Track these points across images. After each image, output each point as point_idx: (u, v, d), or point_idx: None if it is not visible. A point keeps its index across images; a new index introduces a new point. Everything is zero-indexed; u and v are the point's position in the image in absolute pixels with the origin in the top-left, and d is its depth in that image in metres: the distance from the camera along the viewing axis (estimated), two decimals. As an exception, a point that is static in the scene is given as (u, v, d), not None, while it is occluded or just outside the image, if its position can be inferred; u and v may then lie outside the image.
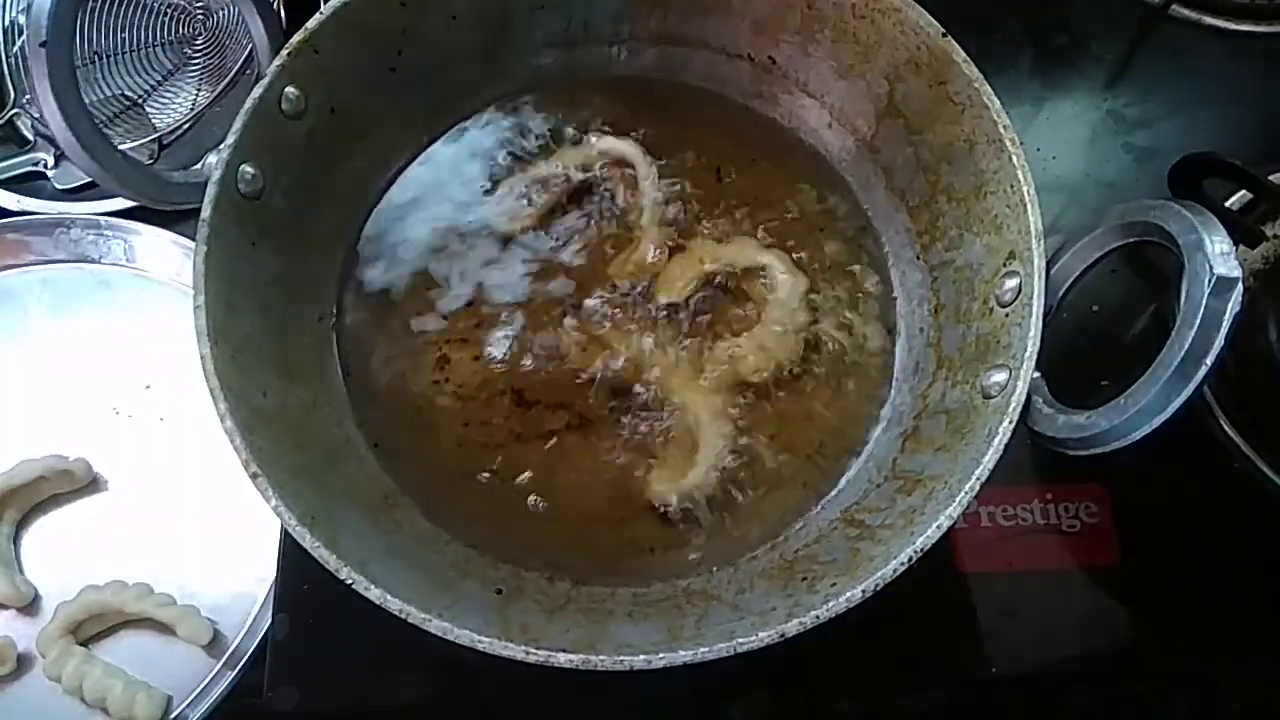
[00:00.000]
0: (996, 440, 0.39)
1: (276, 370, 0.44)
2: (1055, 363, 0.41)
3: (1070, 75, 0.64)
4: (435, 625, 0.35)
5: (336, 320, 0.49)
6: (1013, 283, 0.43)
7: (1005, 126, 0.44)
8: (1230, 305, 0.36)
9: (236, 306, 0.42)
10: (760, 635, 0.35)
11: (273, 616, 0.49)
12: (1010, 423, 0.39)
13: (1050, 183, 0.59)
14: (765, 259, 0.50)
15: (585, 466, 0.47)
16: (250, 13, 0.62)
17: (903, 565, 0.36)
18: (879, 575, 0.36)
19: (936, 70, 0.46)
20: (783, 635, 0.35)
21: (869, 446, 0.48)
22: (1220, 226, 0.38)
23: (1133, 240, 0.43)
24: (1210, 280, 0.36)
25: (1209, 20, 0.65)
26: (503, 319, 0.50)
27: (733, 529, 0.46)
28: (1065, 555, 0.51)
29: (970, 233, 0.46)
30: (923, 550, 0.37)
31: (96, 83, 0.63)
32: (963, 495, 0.38)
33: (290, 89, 0.45)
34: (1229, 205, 0.55)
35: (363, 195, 0.52)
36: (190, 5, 0.66)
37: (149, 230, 0.61)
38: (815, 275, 0.51)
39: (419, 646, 0.36)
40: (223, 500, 0.55)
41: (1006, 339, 0.42)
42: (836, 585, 0.38)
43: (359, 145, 0.50)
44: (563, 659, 0.35)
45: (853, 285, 0.51)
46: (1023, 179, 0.43)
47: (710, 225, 0.52)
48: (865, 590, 0.36)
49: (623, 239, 0.52)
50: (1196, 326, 0.36)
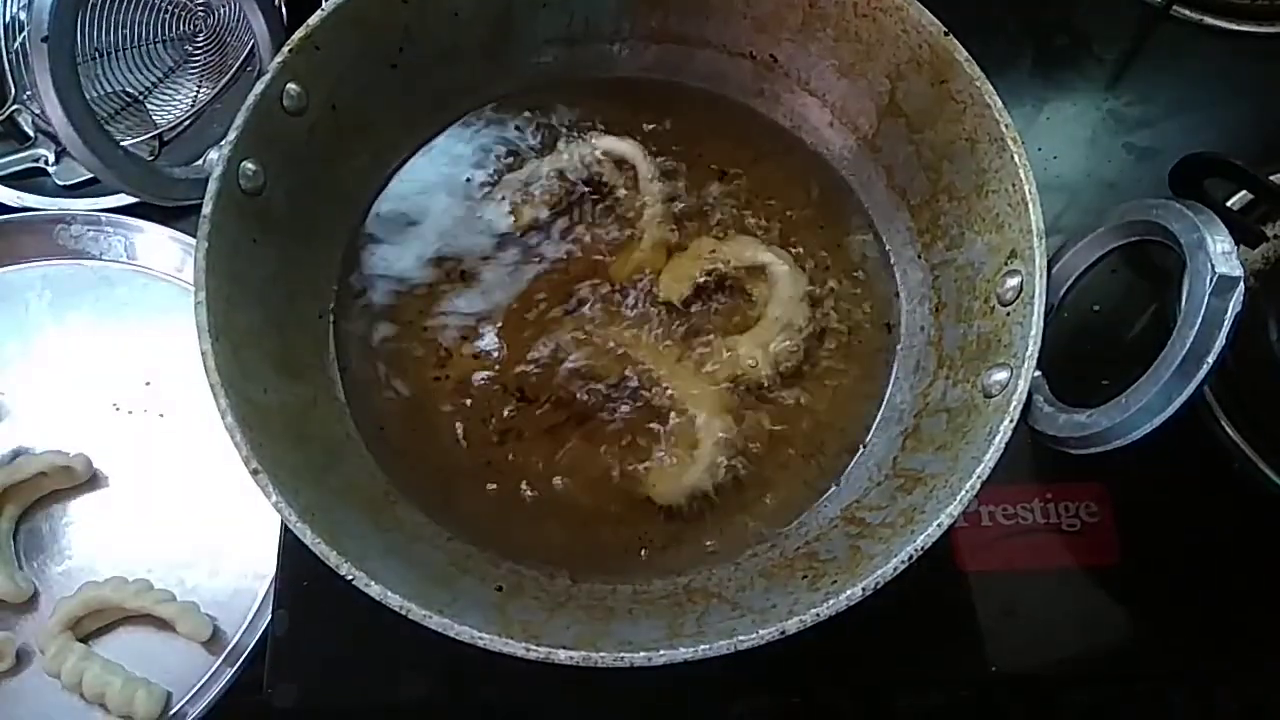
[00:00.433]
0: (998, 439, 0.39)
1: (276, 367, 0.44)
2: (1055, 362, 0.41)
3: (1071, 75, 0.64)
4: (435, 622, 0.35)
5: (336, 317, 0.49)
6: (1014, 281, 0.43)
7: (1007, 125, 0.44)
8: (1232, 304, 0.36)
9: (237, 303, 0.42)
10: (761, 633, 0.35)
11: (272, 613, 0.49)
12: (1011, 421, 0.39)
13: (1051, 182, 0.59)
14: (765, 257, 0.50)
15: (585, 464, 0.47)
16: (252, 9, 0.62)
17: (903, 563, 0.36)
18: (880, 573, 0.36)
19: (938, 69, 0.46)
20: (783, 633, 0.35)
21: (869, 444, 0.48)
22: (1222, 226, 0.38)
23: (1134, 239, 0.43)
24: (1212, 279, 0.36)
25: (1210, 21, 0.65)
26: (503, 316, 0.50)
27: (732, 527, 0.46)
28: (1065, 554, 0.51)
29: (971, 231, 0.46)
30: (924, 549, 0.37)
31: (97, 79, 0.63)
32: (964, 494, 0.37)
33: (292, 85, 0.45)
34: (1229, 205, 0.55)
35: (364, 192, 0.52)
36: (191, 2, 0.66)
37: (149, 227, 0.61)
38: (815, 273, 0.51)
39: (418, 643, 0.36)
40: (222, 496, 0.55)
41: (1008, 338, 0.42)
42: (837, 583, 0.38)
43: (360, 142, 0.50)
44: (563, 656, 0.35)
45: (853, 283, 0.51)
46: (1024, 177, 0.43)
47: (711, 223, 0.52)
48: (866, 588, 0.36)
49: (623, 237, 0.52)
50: (1198, 325, 0.36)
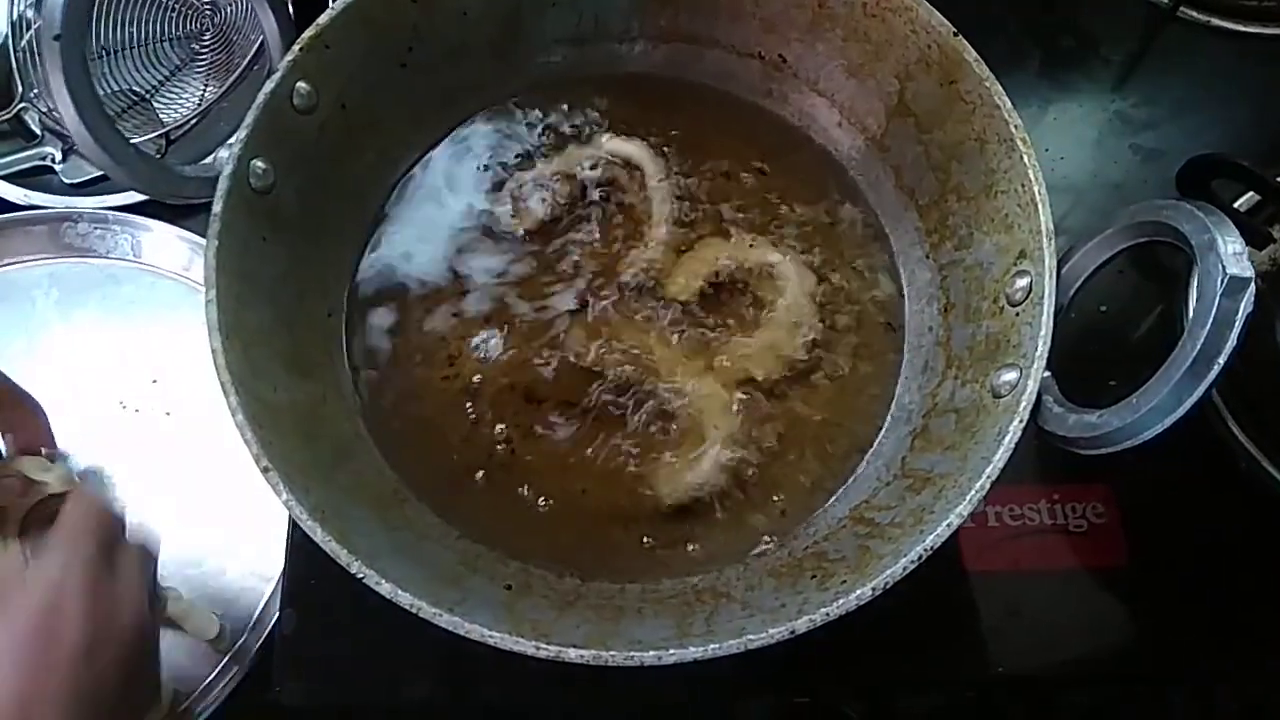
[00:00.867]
0: (1007, 439, 0.39)
1: (286, 365, 0.44)
2: (1063, 362, 0.41)
3: (1078, 77, 0.64)
4: (445, 620, 0.35)
5: (346, 316, 0.49)
6: (1023, 282, 0.43)
7: (1016, 125, 0.44)
8: (1243, 305, 0.36)
9: (247, 301, 0.42)
10: (771, 632, 0.35)
11: (280, 611, 0.49)
12: (1021, 422, 0.39)
13: (1058, 183, 0.59)
14: (773, 257, 0.50)
15: (593, 463, 0.47)
16: (262, 7, 0.62)
17: (913, 563, 0.36)
18: (889, 573, 0.36)
19: (947, 69, 0.46)
20: (793, 632, 0.35)
21: (878, 445, 0.48)
22: (1233, 227, 0.38)
23: (1144, 240, 0.43)
24: (1223, 280, 0.36)
25: (1217, 22, 0.65)
26: (511, 316, 0.50)
27: (741, 526, 0.46)
28: (1071, 555, 0.51)
29: (980, 232, 0.46)
30: (933, 548, 0.37)
31: (104, 78, 0.63)
32: (973, 494, 0.37)
33: (302, 84, 0.45)
34: (1236, 207, 0.55)
35: (373, 190, 0.52)
36: (198, 1, 0.66)
37: (156, 225, 0.60)
38: (823, 273, 0.51)
39: (427, 642, 0.36)
40: (229, 495, 0.55)
41: (1016, 338, 0.42)
42: (846, 583, 0.38)
43: (370, 140, 0.50)
44: (573, 654, 0.35)
45: (861, 284, 0.52)
46: (1033, 178, 0.43)
47: (718, 224, 0.52)
48: (875, 588, 0.36)
49: (631, 237, 0.52)
50: (1209, 326, 0.36)
